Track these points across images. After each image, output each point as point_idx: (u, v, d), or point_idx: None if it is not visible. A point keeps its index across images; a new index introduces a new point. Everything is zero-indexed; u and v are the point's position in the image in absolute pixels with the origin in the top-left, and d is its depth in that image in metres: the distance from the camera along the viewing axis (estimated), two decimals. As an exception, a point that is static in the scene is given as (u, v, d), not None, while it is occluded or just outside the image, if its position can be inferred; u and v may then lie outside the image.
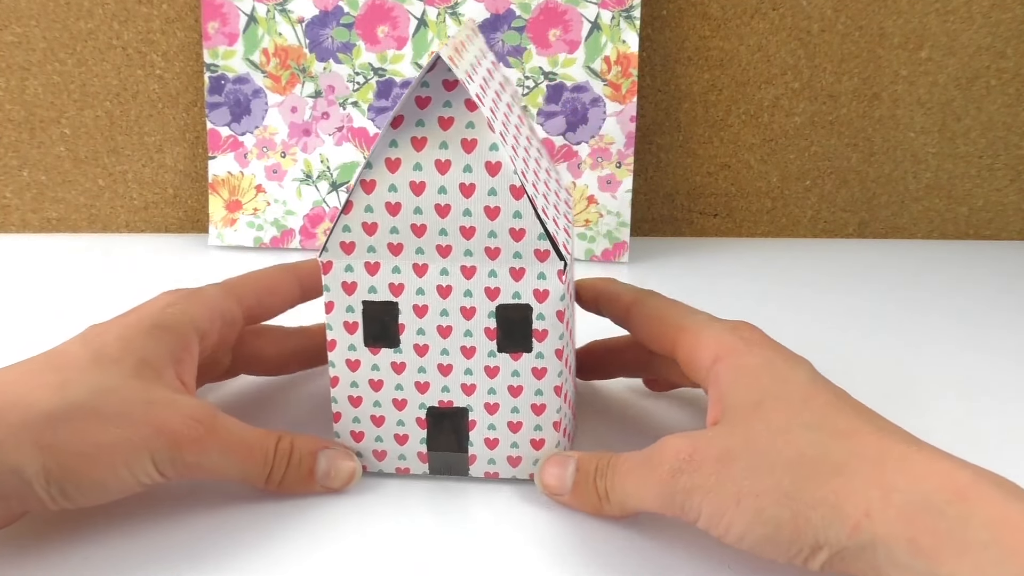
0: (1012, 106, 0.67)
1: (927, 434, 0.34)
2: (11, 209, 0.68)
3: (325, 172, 0.65)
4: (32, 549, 0.37)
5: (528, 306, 0.38)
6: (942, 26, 0.65)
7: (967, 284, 0.63)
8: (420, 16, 0.63)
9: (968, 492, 0.29)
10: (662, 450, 0.35)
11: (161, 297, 0.41)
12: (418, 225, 0.37)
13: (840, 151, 0.68)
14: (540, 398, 0.40)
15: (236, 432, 0.38)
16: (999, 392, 0.50)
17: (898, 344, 0.55)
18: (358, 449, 0.41)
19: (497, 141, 0.37)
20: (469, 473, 0.41)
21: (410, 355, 0.39)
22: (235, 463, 0.38)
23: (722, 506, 0.33)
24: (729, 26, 0.65)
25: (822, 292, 0.61)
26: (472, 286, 0.38)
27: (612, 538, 0.38)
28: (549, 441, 0.41)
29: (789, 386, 0.35)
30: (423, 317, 0.39)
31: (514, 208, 0.37)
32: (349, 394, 0.40)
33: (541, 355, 0.39)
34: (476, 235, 0.37)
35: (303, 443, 0.40)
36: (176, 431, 0.36)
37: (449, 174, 0.37)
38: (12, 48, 0.64)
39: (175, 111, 0.66)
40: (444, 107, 0.37)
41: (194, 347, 0.39)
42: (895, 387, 0.49)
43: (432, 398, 0.40)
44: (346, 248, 0.38)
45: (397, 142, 0.37)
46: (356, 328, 0.39)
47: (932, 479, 0.30)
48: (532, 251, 0.38)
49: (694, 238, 0.70)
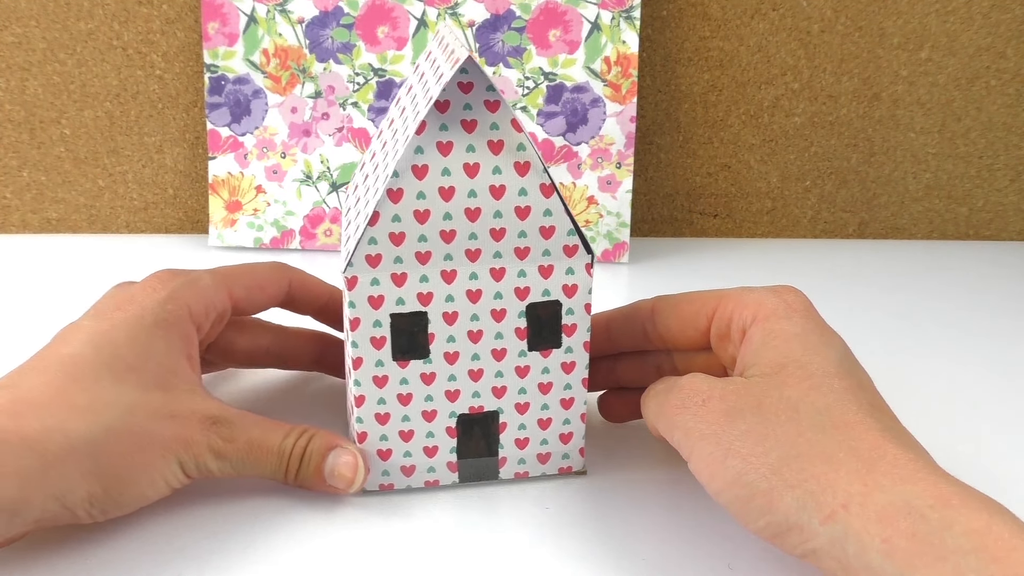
0: (1012, 106, 0.67)
1: (927, 434, 0.34)
2: (11, 209, 0.68)
3: (325, 172, 0.65)
4: (32, 550, 0.37)
5: (558, 302, 0.39)
6: (942, 26, 0.65)
7: (967, 284, 0.63)
8: (420, 16, 0.63)
9: (953, 500, 0.29)
10: (683, 384, 0.36)
11: (155, 283, 0.40)
12: (447, 231, 0.37)
13: (840, 151, 0.68)
14: (569, 392, 0.40)
15: (254, 435, 0.38)
16: (999, 392, 0.50)
17: (898, 344, 0.55)
18: (385, 467, 0.40)
19: (524, 141, 0.37)
20: (499, 476, 0.41)
21: (440, 364, 0.39)
22: (253, 466, 0.38)
23: (711, 456, 0.33)
24: (729, 26, 0.65)
25: (822, 292, 0.61)
26: (502, 288, 0.38)
27: (612, 537, 0.38)
28: (577, 433, 0.41)
29: (817, 358, 0.35)
30: (453, 324, 0.38)
31: (545, 206, 0.37)
32: (376, 412, 0.39)
33: (570, 349, 0.39)
34: (506, 236, 0.37)
35: (319, 440, 0.39)
36: (199, 442, 0.37)
37: (479, 177, 0.36)
38: (12, 48, 0.64)
39: (175, 111, 0.66)
40: (465, 110, 0.36)
41: (196, 340, 0.40)
42: (895, 387, 0.49)
43: (463, 405, 0.39)
44: (372, 261, 0.37)
45: (423, 148, 0.36)
46: (384, 343, 0.38)
47: (918, 484, 0.30)
48: (561, 247, 0.38)
49: (694, 238, 0.70)
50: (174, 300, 0.39)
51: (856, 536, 0.29)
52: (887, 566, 0.28)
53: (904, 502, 0.29)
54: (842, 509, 0.30)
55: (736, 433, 0.33)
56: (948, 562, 0.27)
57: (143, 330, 0.38)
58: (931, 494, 0.29)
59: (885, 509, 0.29)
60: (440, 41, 0.40)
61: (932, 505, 0.29)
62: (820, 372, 0.34)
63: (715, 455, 0.33)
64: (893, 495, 0.29)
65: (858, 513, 0.30)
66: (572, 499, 0.40)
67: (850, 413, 0.33)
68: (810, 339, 0.36)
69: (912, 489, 0.29)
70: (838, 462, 0.31)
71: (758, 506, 0.32)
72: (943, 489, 0.29)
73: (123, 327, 0.38)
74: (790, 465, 0.32)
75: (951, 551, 0.27)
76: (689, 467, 0.35)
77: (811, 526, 0.30)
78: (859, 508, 0.30)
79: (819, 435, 0.32)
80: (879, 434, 0.32)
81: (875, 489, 0.30)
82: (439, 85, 0.35)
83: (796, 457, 0.32)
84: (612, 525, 0.39)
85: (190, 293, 0.40)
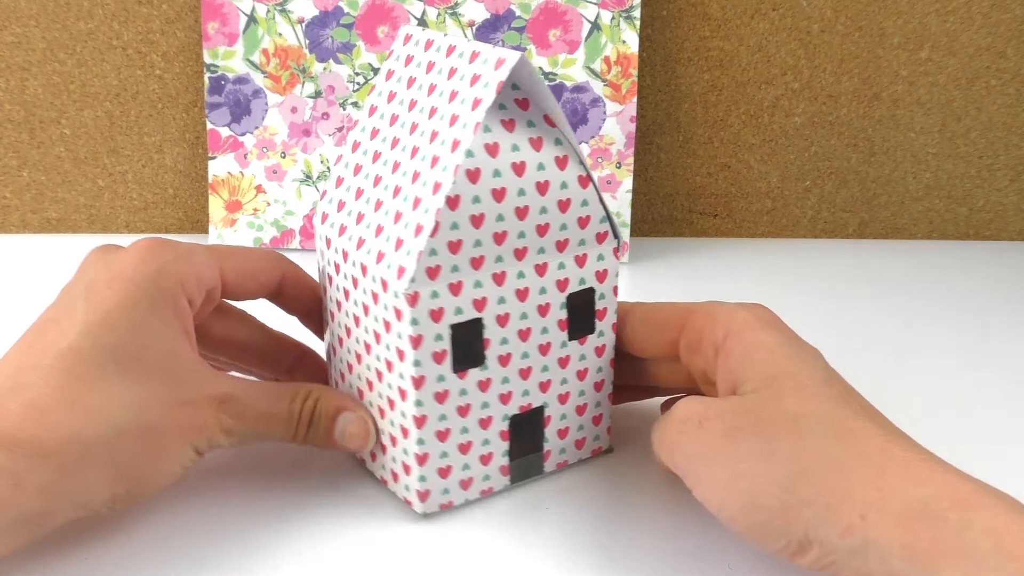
0: (1012, 106, 0.67)
1: (926, 434, 0.34)
2: (11, 209, 0.68)
3: (325, 172, 0.65)
4: (31, 550, 0.36)
5: (592, 289, 0.39)
6: (942, 26, 0.65)
7: (967, 284, 0.63)
8: (420, 16, 0.63)
9: (970, 500, 0.29)
10: (678, 408, 0.36)
11: (145, 254, 0.38)
12: (499, 233, 0.36)
13: (840, 151, 0.68)
14: (600, 375, 0.41)
15: (261, 407, 0.38)
16: (999, 392, 0.50)
17: (898, 344, 0.55)
18: (446, 486, 0.38)
19: (559, 135, 0.37)
20: (544, 470, 0.41)
21: (495, 369, 0.38)
22: (263, 435, 0.38)
23: (720, 481, 0.33)
24: (729, 26, 0.65)
25: (822, 292, 0.61)
26: (545, 282, 0.38)
27: (612, 535, 0.38)
28: (606, 414, 0.41)
29: (805, 368, 0.35)
30: (506, 326, 0.37)
31: (582, 197, 0.37)
32: (437, 429, 0.37)
33: (602, 333, 0.40)
34: (550, 231, 0.37)
35: (325, 402, 0.39)
36: (211, 424, 0.37)
37: (526, 175, 0.36)
38: (12, 48, 0.64)
39: (175, 111, 0.66)
40: (501, 110, 0.36)
41: (191, 314, 0.38)
42: (895, 387, 0.49)
43: (514, 406, 0.39)
44: (432, 273, 0.35)
45: (473, 152, 0.35)
46: (444, 356, 0.36)
47: (933, 486, 0.29)
48: (594, 235, 0.38)
49: (694, 238, 0.70)
50: (167, 275, 0.37)
51: (876, 545, 0.29)
52: (910, 569, 0.28)
53: (921, 505, 0.29)
54: (860, 520, 0.30)
55: (740, 454, 0.33)
56: (970, 562, 0.27)
57: (139, 313, 0.36)
58: (947, 495, 0.29)
59: (903, 514, 0.29)
60: (428, 32, 0.39)
61: (950, 506, 0.29)
62: (811, 382, 0.34)
63: (723, 479, 0.33)
64: (910, 499, 0.29)
65: (876, 522, 0.29)
66: (568, 500, 0.40)
67: (849, 419, 0.33)
68: (791, 349, 0.36)
69: (928, 491, 0.29)
70: (849, 470, 0.31)
71: (776, 527, 0.31)
72: (959, 489, 0.29)
73: (118, 312, 0.36)
74: (801, 480, 0.31)
75: (972, 551, 0.27)
76: (695, 494, 0.34)
77: (830, 540, 0.30)
78: (876, 516, 0.29)
79: (824, 445, 0.32)
80: (883, 438, 0.32)
81: (891, 495, 0.30)
82: (489, 89, 0.34)
83: (805, 471, 0.31)
84: (610, 526, 0.39)
85: (184, 267, 0.38)
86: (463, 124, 0.35)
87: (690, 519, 0.39)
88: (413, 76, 0.39)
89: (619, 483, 0.41)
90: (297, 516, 0.39)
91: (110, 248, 0.39)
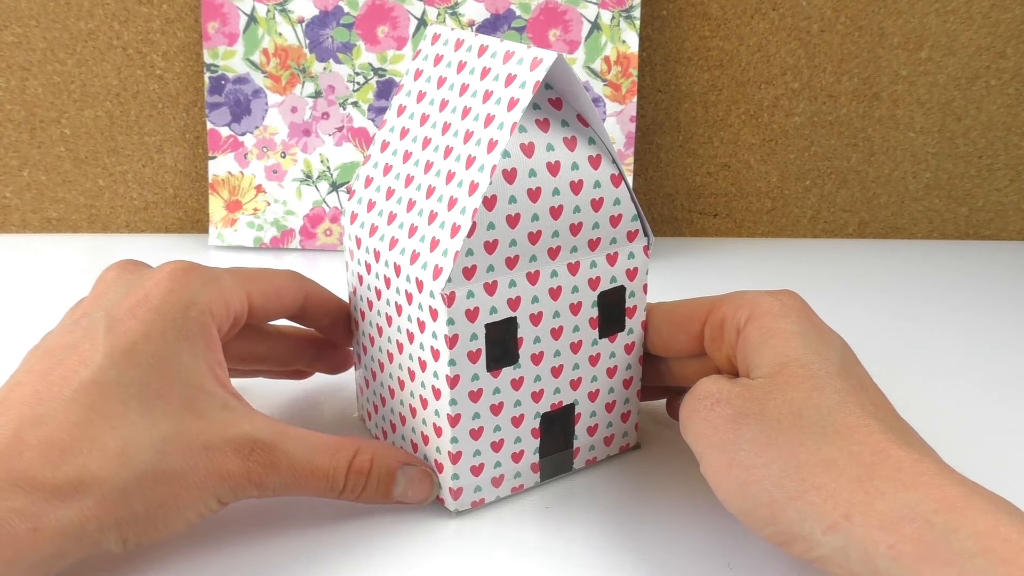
0: (1012, 106, 0.67)
1: (926, 434, 0.34)
2: (11, 209, 0.68)
3: (325, 172, 0.65)
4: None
5: (623, 287, 0.39)
6: (942, 26, 0.65)
7: (967, 284, 0.63)
8: (420, 16, 0.63)
9: (957, 503, 0.28)
10: (697, 388, 0.36)
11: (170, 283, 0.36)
12: (534, 232, 0.36)
13: (840, 151, 0.68)
14: (629, 372, 0.41)
15: (300, 457, 0.36)
16: (999, 392, 0.50)
17: (898, 344, 0.55)
18: (478, 483, 0.39)
19: (592, 134, 0.37)
20: (573, 467, 0.41)
21: (528, 367, 0.38)
22: (298, 490, 0.36)
23: (717, 464, 0.34)
24: (729, 26, 0.65)
25: (822, 292, 0.61)
26: (578, 281, 0.38)
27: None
28: (634, 410, 0.42)
29: (817, 358, 0.35)
30: (539, 325, 0.37)
31: (615, 196, 0.38)
32: (471, 428, 0.37)
33: (631, 330, 0.40)
34: (583, 230, 0.37)
35: (382, 458, 0.37)
36: (237, 474, 0.34)
37: (560, 175, 0.36)
38: (12, 48, 0.64)
39: (175, 111, 0.66)
40: (535, 110, 0.36)
41: (220, 345, 0.37)
42: (895, 387, 0.49)
43: (545, 404, 0.39)
44: (467, 274, 0.35)
45: (509, 152, 0.35)
46: (479, 355, 0.36)
47: (922, 488, 0.29)
48: (625, 233, 0.38)
49: (694, 238, 0.70)
50: (196, 304, 0.36)
51: (860, 544, 0.29)
52: (894, 570, 0.28)
53: (907, 508, 0.29)
54: (844, 519, 0.30)
55: (741, 442, 0.33)
56: (955, 566, 0.27)
57: (167, 346, 0.34)
58: (935, 497, 0.29)
59: (888, 516, 0.29)
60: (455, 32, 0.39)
61: (936, 509, 0.28)
62: (822, 372, 0.34)
63: (720, 463, 0.34)
64: (895, 501, 0.29)
65: (860, 522, 0.29)
66: (568, 498, 0.40)
67: (853, 416, 0.33)
68: (809, 337, 0.36)
69: (915, 495, 0.29)
70: (839, 469, 0.31)
71: (762, 517, 0.32)
72: (947, 492, 0.29)
73: (144, 344, 0.34)
74: (791, 476, 0.31)
75: (958, 555, 0.27)
76: (701, 470, 0.35)
77: (814, 536, 0.30)
78: (861, 517, 0.29)
79: (821, 441, 0.32)
80: (882, 436, 0.32)
81: (876, 496, 0.30)
82: (526, 90, 0.34)
83: (797, 467, 0.31)
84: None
85: (213, 294, 0.37)
86: (499, 124, 0.35)
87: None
88: (443, 76, 0.39)
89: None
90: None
91: (129, 267, 0.38)
